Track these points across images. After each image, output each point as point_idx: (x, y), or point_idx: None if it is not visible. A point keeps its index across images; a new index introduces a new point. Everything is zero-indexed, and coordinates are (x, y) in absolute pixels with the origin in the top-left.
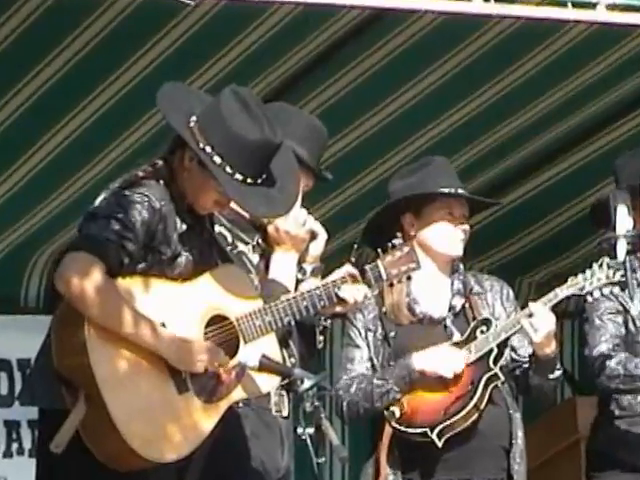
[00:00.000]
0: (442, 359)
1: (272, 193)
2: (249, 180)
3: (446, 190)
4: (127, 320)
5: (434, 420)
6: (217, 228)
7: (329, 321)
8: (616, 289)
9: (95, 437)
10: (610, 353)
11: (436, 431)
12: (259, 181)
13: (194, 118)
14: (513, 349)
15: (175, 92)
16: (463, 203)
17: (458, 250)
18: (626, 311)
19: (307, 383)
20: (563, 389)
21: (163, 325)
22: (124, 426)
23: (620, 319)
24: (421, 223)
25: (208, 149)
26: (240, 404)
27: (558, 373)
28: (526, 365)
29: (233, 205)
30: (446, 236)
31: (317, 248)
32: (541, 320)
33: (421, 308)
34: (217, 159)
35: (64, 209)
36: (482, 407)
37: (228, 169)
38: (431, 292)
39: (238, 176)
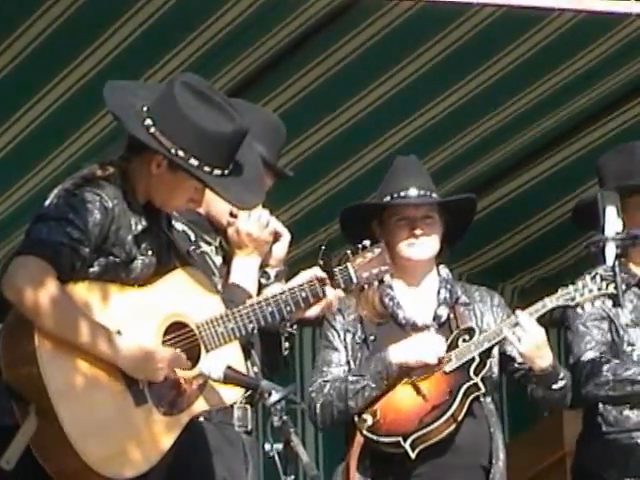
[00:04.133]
0: (422, 345)
1: (245, 178)
2: (225, 172)
3: (395, 196)
4: (82, 329)
5: (408, 429)
6: (180, 226)
7: (295, 327)
8: (608, 303)
9: (48, 453)
10: (597, 360)
11: (409, 441)
12: (231, 169)
13: (149, 122)
14: (512, 359)
15: (118, 95)
16: (417, 206)
17: (413, 254)
18: (610, 318)
19: (275, 396)
20: None
21: (119, 333)
22: (79, 441)
23: (605, 325)
24: (384, 230)
25: (181, 153)
26: (201, 418)
27: (562, 383)
28: (524, 371)
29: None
30: (400, 241)
31: (281, 250)
32: (525, 330)
33: (405, 313)
34: (194, 162)
35: (14, 212)
36: (460, 419)
37: (206, 168)
38: (415, 298)
39: (217, 171)
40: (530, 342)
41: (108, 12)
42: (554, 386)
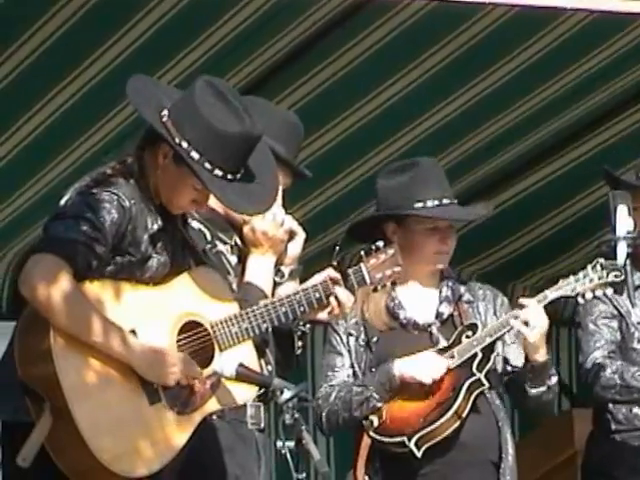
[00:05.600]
0: (422, 365)
1: (253, 188)
2: (229, 176)
3: (429, 205)
4: (96, 328)
5: (412, 428)
6: (196, 225)
7: (308, 326)
8: (609, 291)
9: (62, 450)
10: (605, 361)
11: (414, 440)
12: (238, 176)
13: (165, 112)
14: (506, 361)
15: (142, 85)
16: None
17: (441, 263)
18: (621, 315)
19: (287, 394)
20: (560, 401)
21: (133, 332)
22: (92, 439)
23: (615, 324)
24: (403, 232)
25: (184, 144)
26: (214, 416)
27: (554, 380)
28: (517, 371)
29: (210, 203)
30: (429, 250)
31: (295, 249)
32: (534, 316)
33: (406, 313)
34: (195, 155)
35: (29, 207)
36: (464, 415)
37: (207, 165)
38: (418, 298)
39: (218, 172)
40: (538, 329)
41: (120, 12)
42: (548, 382)
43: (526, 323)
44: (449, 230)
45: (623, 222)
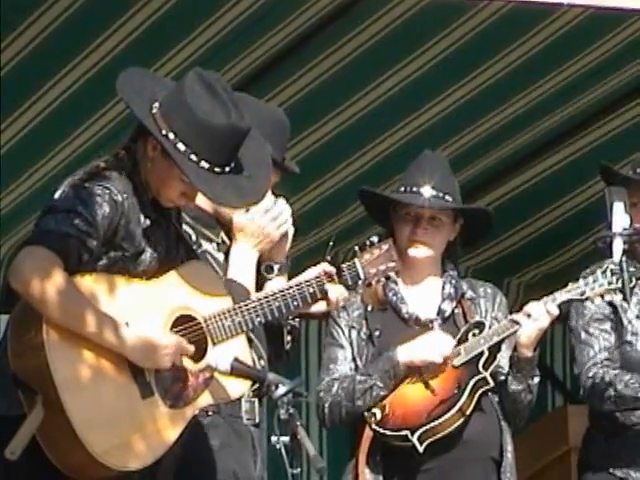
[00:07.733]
0: (429, 345)
1: (241, 182)
2: (216, 169)
3: (407, 190)
4: (89, 320)
5: (416, 423)
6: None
7: (297, 320)
8: (618, 297)
9: (53, 443)
10: (598, 373)
11: (417, 434)
12: (227, 169)
13: (157, 104)
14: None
15: (136, 78)
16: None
17: (414, 251)
18: (615, 314)
19: (282, 389)
20: (554, 397)
21: (126, 325)
22: (84, 432)
23: (607, 325)
24: (394, 218)
25: (171, 136)
26: (209, 412)
27: (536, 380)
28: (503, 377)
29: (197, 200)
30: (404, 236)
31: (284, 244)
32: (537, 310)
33: (408, 309)
34: (181, 146)
35: (22, 202)
36: (468, 413)
37: (193, 157)
38: (420, 293)
39: (204, 164)
40: (538, 324)
41: (117, 4)
42: (530, 381)
43: (528, 315)
44: (427, 220)
45: (619, 218)
